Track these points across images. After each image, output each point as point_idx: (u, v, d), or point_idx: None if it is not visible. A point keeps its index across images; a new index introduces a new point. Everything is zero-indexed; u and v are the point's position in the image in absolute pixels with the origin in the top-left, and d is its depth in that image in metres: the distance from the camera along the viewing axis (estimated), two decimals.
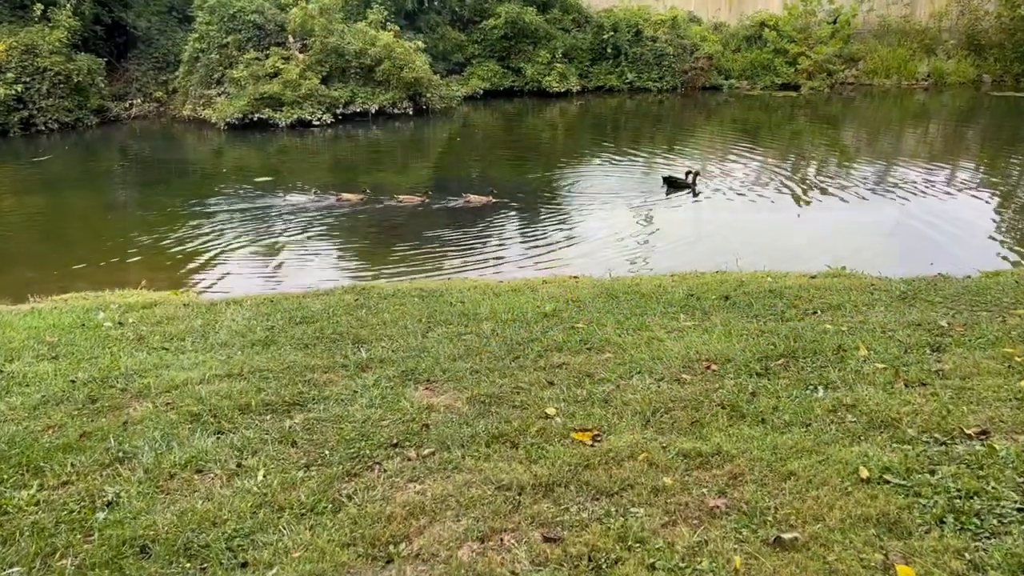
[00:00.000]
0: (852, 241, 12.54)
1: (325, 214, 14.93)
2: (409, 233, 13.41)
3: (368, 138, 25.69)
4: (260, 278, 11.38)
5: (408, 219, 14.48)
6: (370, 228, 14.06)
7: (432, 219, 14.29)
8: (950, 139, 25.26)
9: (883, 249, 11.81)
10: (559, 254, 11.63)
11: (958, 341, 5.10)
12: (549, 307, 6.82)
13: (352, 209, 15.24)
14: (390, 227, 14.14)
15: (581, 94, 31.50)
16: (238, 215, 15.08)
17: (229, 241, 13.21)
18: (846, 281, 7.29)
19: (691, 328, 5.98)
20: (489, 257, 11.65)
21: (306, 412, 4.82)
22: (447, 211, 14.81)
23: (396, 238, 13.16)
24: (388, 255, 12.15)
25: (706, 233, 12.81)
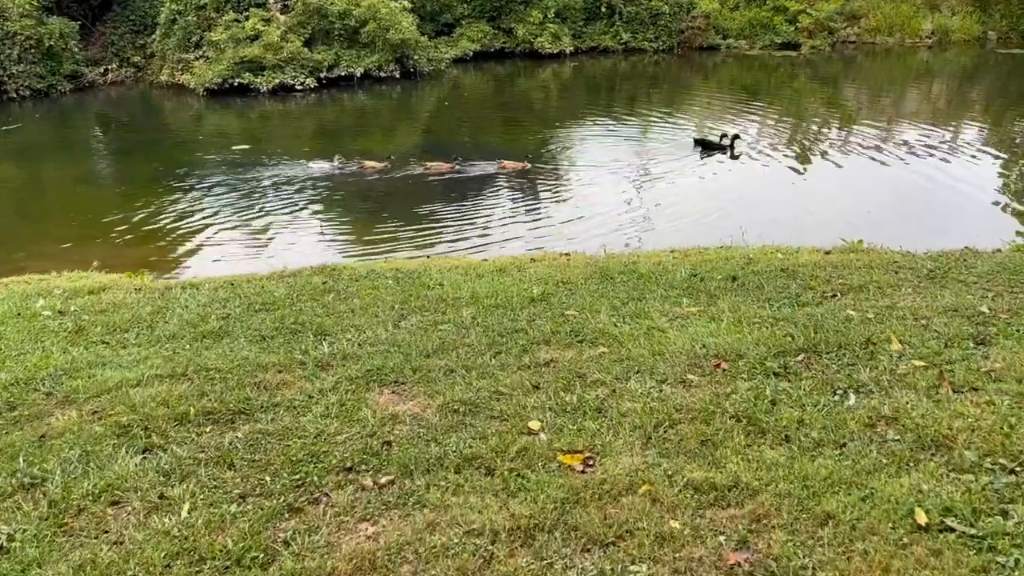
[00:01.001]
0: (858, 205, 11.84)
1: (317, 185, 14.14)
2: (400, 205, 12.64)
3: (354, 103, 24.75)
4: (237, 256, 10.65)
5: (401, 189, 13.71)
6: (363, 201, 13.29)
7: (426, 189, 13.52)
8: (954, 98, 24.44)
9: (892, 214, 11.11)
10: (550, 227, 10.90)
11: (1004, 331, 4.43)
12: (537, 290, 6.12)
13: (359, 178, 14.56)
14: (382, 197, 13.38)
15: (574, 55, 30.48)
16: (220, 187, 14.27)
17: (208, 216, 12.43)
18: (865, 257, 6.60)
19: (696, 315, 5.29)
20: (476, 231, 10.91)
21: (252, 423, 4.15)
22: (447, 181, 14.05)
23: (386, 211, 12.40)
24: (375, 229, 11.41)
25: (708, 201, 12.08)
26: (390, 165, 14.76)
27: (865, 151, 15.20)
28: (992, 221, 10.91)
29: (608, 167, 14.61)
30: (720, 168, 14.21)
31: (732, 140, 14.98)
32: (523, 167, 14.24)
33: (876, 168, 14.13)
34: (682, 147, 16.11)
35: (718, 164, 14.50)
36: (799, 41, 31.80)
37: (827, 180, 13.67)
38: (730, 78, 28.93)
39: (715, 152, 14.94)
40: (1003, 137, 17.29)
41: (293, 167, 15.35)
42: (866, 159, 14.66)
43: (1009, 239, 9.83)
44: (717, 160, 14.73)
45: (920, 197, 12.23)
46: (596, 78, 29.20)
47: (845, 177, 13.76)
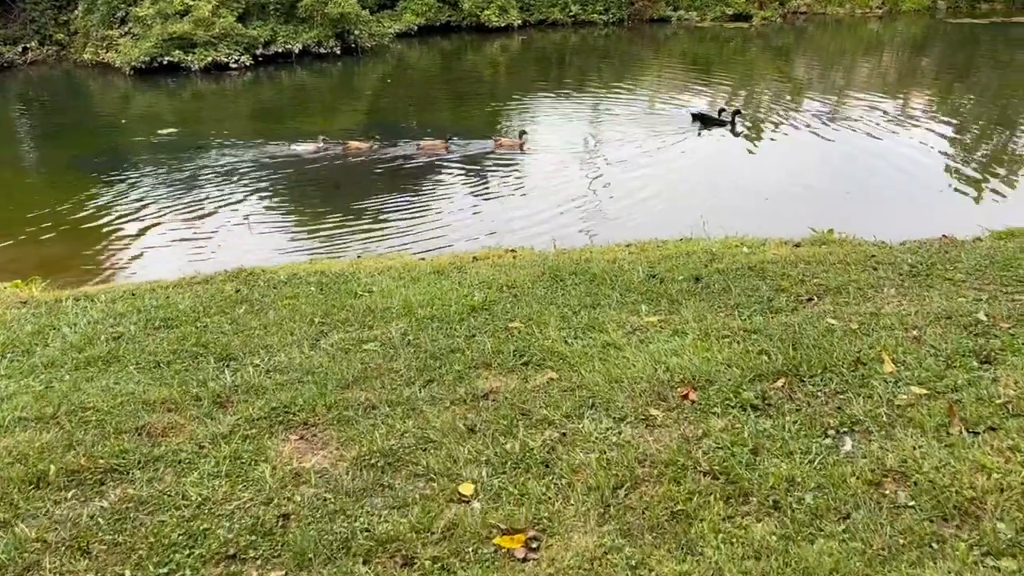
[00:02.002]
0: (816, 181, 11.35)
1: (259, 171, 13.13)
2: (348, 195, 11.72)
3: (293, 80, 23.59)
4: (165, 256, 9.69)
5: (355, 176, 12.80)
6: (309, 190, 12.34)
7: (380, 176, 12.64)
8: (905, 69, 24.19)
9: (851, 188, 10.63)
10: (497, 218, 10.14)
11: (1010, 346, 3.85)
12: (478, 297, 5.42)
13: (314, 160, 13.62)
14: (331, 185, 12.45)
15: (523, 29, 29.57)
16: (149, 176, 13.20)
17: (136, 209, 11.37)
18: (838, 250, 6.00)
19: (657, 327, 4.64)
20: (421, 224, 10.09)
21: (125, 485, 3.39)
22: (401, 167, 13.18)
23: (331, 201, 11.49)
24: (317, 221, 10.56)
25: (663, 183, 11.45)
26: (376, 145, 14.00)
27: (819, 125, 14.74)
28: (954, 199, 10.48)
29: (560, 148, 13.90)
30: (674, 146, 13.60)
31: (733, 115, 14.49)
32: (521, 142, 13.66)
33: (830, 143, 13.65)
34: (636, 124, 15.48)
35: (673, 142, 13.88)
36: (750, 12, 31.35)
37: (784, 156, 13.15)
38: (681, 51, 28.34)
39: (715, 127, 14.43)
40: (953, 108, 16.99)
41: (232, 151, 14.38)
42: (820, 133, 14.19)
43: (978, 216, 9.45)
44: (674, 138, 14.12)
45: (880, 171, 11.77)
46: (546, 52, 28.36)
47: (801, 153, 13.26)
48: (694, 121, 14.88)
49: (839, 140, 13.79)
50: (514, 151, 13.55)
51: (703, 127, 14.56)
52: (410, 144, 14.15)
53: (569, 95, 20.06)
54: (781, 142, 13.89)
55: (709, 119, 14.69)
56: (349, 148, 13.96)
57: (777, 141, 13.94)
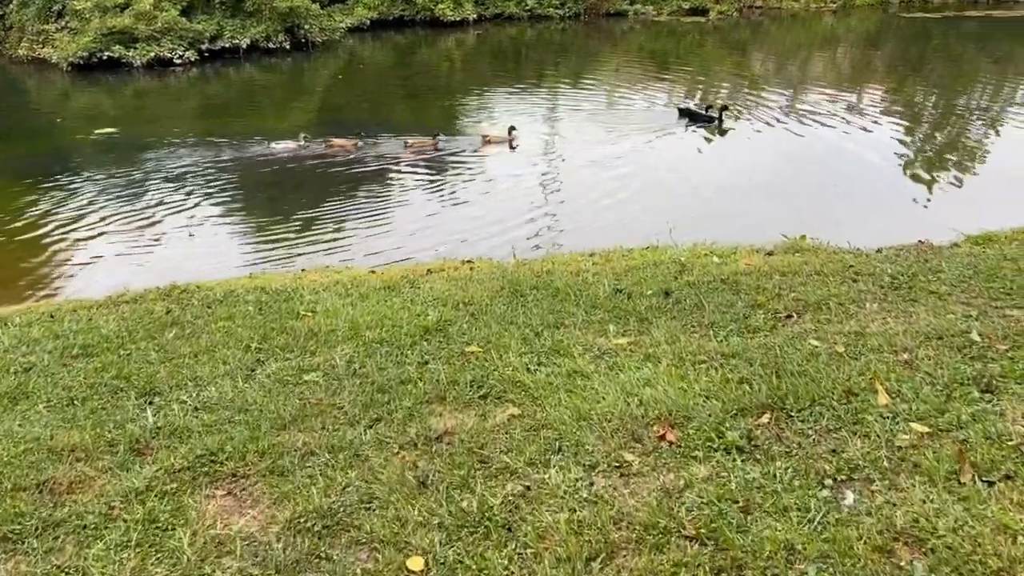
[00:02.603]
0: (779, 179, 11.10)
1: (210, 173, 12.46)
2: (305, 199, 11.10)
3: (241, 77, 22.80)
4: (104, 270, 9.01)
5: (314, 177, 12.19)
6: (262, 194, 11.68)
7: (340, 178, 12.05)
8: (860, 64, 24.24)
9: (812, 185, 10.39)
10: (454, 224, 9.66)
11: (1010, 371, 3.53)
12: (432, 316, 4.98)
13: (281, 160, 13.06)
14: (289, 188, 11.82)
15: (478, 23, 29.09)
16: (92, 180, 12.44)
17: (76, 216, 10.57)
18: (813, 259, 5.69)
19: (626, 351, 4.25)
20: (372, 232, 9.51)
21: (18, 558, 2.91)
22: (362, 170, 12.61)
23: (290, 206, 10.84)
24: (270, 230, 9.93)
25: (624, 183, 11.10)
26: (361, 143, 13.46)
27: (777, 121, 14.52)
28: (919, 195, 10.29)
29: (526, 147, 13.47)
30: (635, 145, 13.27)
31: (720, 112, 14.14)
32: (509, 140, 13.40)
33: (791, 140, 13.44)
34: (599, 121, 15.14)
35: (632, 141, 13.56)
36: (707, 6, 31.27)
37: (745, 153, 12.89)
38: (638, 45, 28.11)
39: (701, 124, 14.11)
40: (908, 102, 16.95)
41: (181, 151, 13.72)
42: (779, 130, 13.97)
43: (945, 211, 9.27)
44: (633, 137, 13.79)
45: (842, 168, 11.56)
46: (502, 47, 27.93)
47: (762, 150, 13.01)
48: (681, 117, 14.57)
49: (798, 137, 13.59)
50: (502, 147, 13.31)
51: (690, 123, 14.25)
52: (395, 141, 13.71)
53: (529, 91, 19.66)
54: (741, 139, 13.64)
55: (696, 115, 14.39)
56: (332, 146, 13.45)
57: (737, 138, 13.69)
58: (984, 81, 19.21)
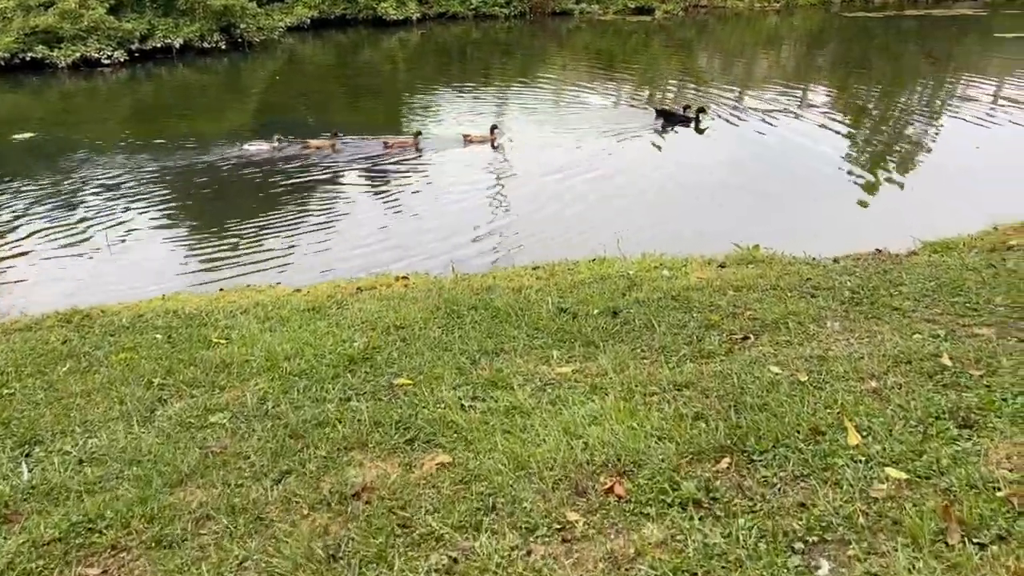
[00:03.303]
0: (728, 181, 10.85)
1: (142, 182, 11.73)
2: (247, 208, 10.47)
3: (174, 78, 21.94)
4: (18, 290, 8.34)
5: (252, 184, 11.55)
6: (195, 204, 10.99)
7: (278, 186, 11.45)
8: (804, 63, 24.34)
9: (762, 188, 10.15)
10: (390, 234, 9.16)
11: (987, 402, 3.22)
12: (359, 343, 4.53)
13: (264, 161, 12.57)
14: (232, 196, 11.17)
15: (422, 22, 28.56)
16: (12, 194, 11.64)
17: None
18: (768, 271, 5.37)
19: (571, 380, 3.85)
20: (310, 244, 8.94)
21: None
22: (294, 177, 12.01)
23: (226, 216, 10.20)
24: (196, 245, 9.32)
25: (568, 186, 10.74)
26: (337, 143, 13.03)
27: (724, 122, 14.33)
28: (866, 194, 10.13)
29: (464, 151, 13.04)
30: (585, 148, 12.94)
31: (697, 113, 13.93)
32: (492, 139, 13.21)
33: (739, 140, 13.26)
34: (546, 124, 14.79)
35: (582, 143, 13.22)
36: (652, 6, 31.22)
37: (693, 156, 12.65)
38: (584, 45, 27.90)
39: (677, 125, 13.85)
40: (851, 100, 16.95)
41: (107, 158, 13.00)
42: (726, 130, 13.78)
43: (894, 210, 9.09)
44: (582, 139, 13.46)
45: (790, 169, 11.39)
46: (447, 46, 27.46)
47: (711, 151, 12.80)
48: (657, 118, 14.32)
49: (746, 138, 13.41)
50: (485, 146, 13.11)
51: (666, 124, 14.01)
52: (374, 142, 13.29)
53: (476, 90, 19.26)
54: (691, 141, 13.41)
55: (672, 115, 14.14)
56: (310, 147, 13.02)
57: (687, 140, 13.46)
58: (924, 79, 19.37)
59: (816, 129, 13.76)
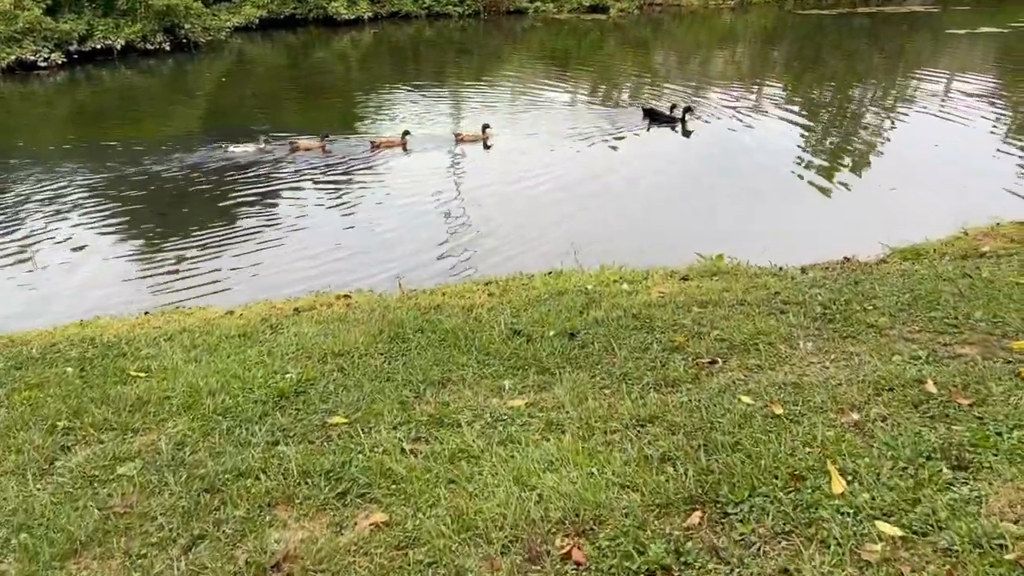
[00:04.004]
0: (687, 185, 10.59)
1: (77, 192, 11.10)
2: (186, 220, 9.91)
3: (116, 80, 21.16)
4: None
5: (198, 196, 10.97)
6: (131, 214, 10.40)
7: (228, 193, 10.91)
8: (759, 60, 24.33)
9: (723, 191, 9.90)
10: (342, 246, 8.66)
11: (982, 438, 2.92)
12: (292, 374, 4.12)
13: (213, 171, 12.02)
14: (182, 204, 10.58)
15: (374, 21, 28.01)
16: None
17: None
18: (734, 284, 5.06)
19: (524, 416, 3.49)
20: (245, 259, 8.41)
21: None
22: (240, 187, 11.47)
23: (163, 229, 9.65)
24: (133, 260, 8.76)
25: (527, 193, 10.39)
26: (327, 144, 12.63)
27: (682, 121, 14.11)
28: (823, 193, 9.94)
29: (432, 154, 12.61)
30: (546, 150, 12.60)
31: (684, 113, 13.63)
32: (484, 138, 13.03)
33: (697, 140, 13.03)
34: (503, 126, 14.41)
35: (538, 144, 12.88)
36: (607, 4, 31.03)
37: (649, 159, 12.38)
38: (540, 44, 27.62)
39: (664, 125, 13.56)
40: (806, 97, 16.87)
41: (45, 167, 12.40)
42: (682, 130, 13.55)
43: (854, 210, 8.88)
44: (542, 140, 13.12)
45: (749, 171, 11.16)
46: (400, 46, 26.96)
47: (668, 153, 12.55)
48: (645, 117, 14.04)
49: (704, 138, 13.19)
50: (476, 145, 12.90)
51: (652, 123, 13.73)
52: (359, 142, 13.05)
53: (431, 90, 18.83)
54: (648, 142, 13.15)
55: (659, 115, 13.86)
56: (299, 149, 12.56)
57: (645, 141, 13.19)
58: (879, 77, 19.39)
59: (772, 128, 13.60)
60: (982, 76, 18.28)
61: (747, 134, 13.20)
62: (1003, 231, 5.90)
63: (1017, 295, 4.38)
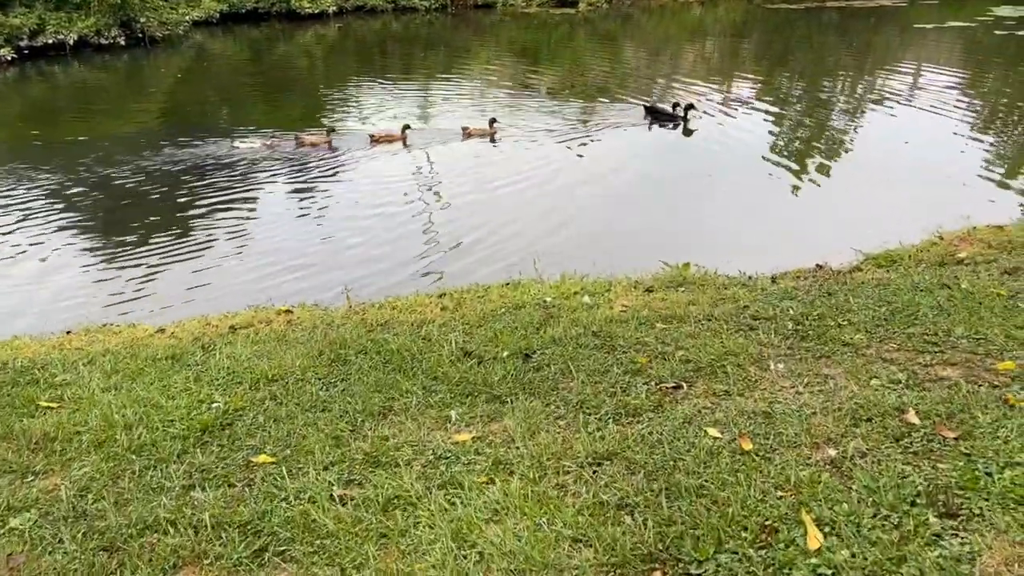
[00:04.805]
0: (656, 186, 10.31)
1: (30, 195, 10.57)
2: (127, 225, 9.43)
3: (70, 77, 20.47)
4: None
5: (159, 200, 10.47)
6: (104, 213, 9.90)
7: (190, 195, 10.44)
8: (729, 54, 24.17)
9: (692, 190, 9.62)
10: (298, 254, 8.24)
11: (971, 480, 2.64)
12: (219, 403, 3.75)
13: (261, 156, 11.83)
14: (122, 213, 10.06)
15: (339, 16, 27.45)
16: None
17: None
18: (702, 297, 4.76)
19: (470, 453, 3.16)
20: (192, 270, 7.91)
21: None
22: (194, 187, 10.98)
23: (107, 235, 9.16)
24: (77, 270, 8.29)
25: (494, 196, 10.04)
26: (331, 139, 12.42)
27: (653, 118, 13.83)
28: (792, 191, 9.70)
29: (403, 153, 12.20)
30: (514, 150, 12.26)
31: (685, 110, 13.15)
32: (491, 132, 12.80)
33: (666, 137, 12.76)
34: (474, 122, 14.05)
35: (511, 143, 12.53)
36: None
37: (610, 151, 12.08)
38: (509, 39, 27.24)
39: (666, 123, 13.14)
40: (776, 93, 16.69)
41: (269, 143, 12.49)
42: (654, 128, 13.27)
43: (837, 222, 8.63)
44: (512, 138, 12.77)
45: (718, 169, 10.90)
46: (366, 41, 26.45)
47: (637, 150, 12.26)
48: (646, 115, 13.63)
49: (673, 135, 12.92)
50: (484, 139, 12.70)
51: (653, 121, 13.33)
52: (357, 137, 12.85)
53: (399, 87, 18.39)
54: (615, 140, 12.85)
55: (661, 113, 13.42)
56: (304, 144, 12.33)
57: (618, 139, 12.89)
58: (846, 71, 19.27)
59: (741, 127, 13.36)
60: (949, 70, 18.22)
61: (717, 131, 12.94)
62: (980, 235, 5.65)
63: (998, 308, 4.12)
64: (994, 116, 13.72)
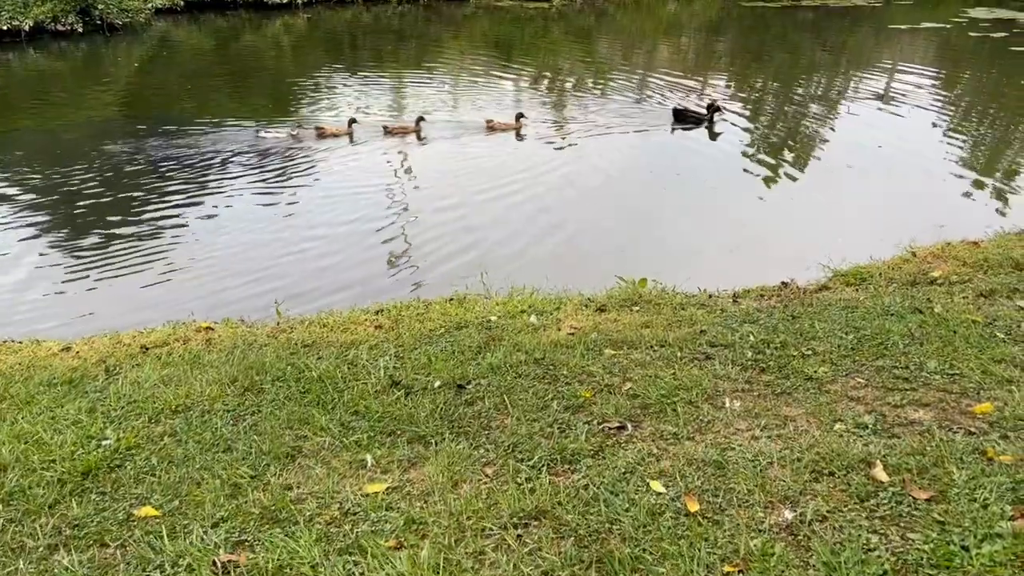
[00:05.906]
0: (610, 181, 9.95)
1: None
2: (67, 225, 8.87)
3: (24, 64, 19.73)
4: None
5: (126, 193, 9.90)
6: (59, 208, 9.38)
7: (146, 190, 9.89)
8: (704, 52, 23.90)
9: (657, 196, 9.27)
10: (247, 260, 7.73)
11: (946, 555, 2.29)
12: (110, 439, 3.33)
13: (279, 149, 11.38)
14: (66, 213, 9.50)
15: (308, 6, 26.84)
16: None
17: None
18: (656, 318, 4.39)
19: (382, 508, 2.77)
20: (123, 279, 7.41)
21: None
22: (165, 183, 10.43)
23: (45, 235, 8.61)
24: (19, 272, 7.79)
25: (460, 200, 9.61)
26: (352, 130, 12.23)
27: (619, 118, 13.46)
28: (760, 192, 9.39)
29: (370, 155, 11.71)
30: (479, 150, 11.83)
31: (711, 112, 12.50)
32: (517, 127, 12.55)
33: (639, 138, 12.41)
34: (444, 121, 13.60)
35: (475, 141, 12.11)
36: None
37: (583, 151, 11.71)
38: (482, 32, 26.76)
39: (690, 126, 12.50)
40: (751, 92, 16.41)
41: (292, 133, 12.17)
42: (626, 128, 12.91)
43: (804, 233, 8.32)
44: (482, 139, 12.34)
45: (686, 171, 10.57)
46: (335, 32, 25.84)
47: (607, 155, 11.89)
48: (673, 118, 12.92)
49: (645, 135, 12.57)
50: (509, 133, 12.41)
51: (677, 124, 12.65)
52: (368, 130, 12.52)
53: (371, 80, 17.88)
54: (579, 141, 12.48)
55: (687, 114, 12.72)
56: (325, 133, 12.20)
57: (575, 138, 12.52)
58: (819, 72, 19.04)
59: (717, 127, 13.03)
60: (923, 70, 18.04)
61: (694, 133, 12.60)
62: (954, 252, 5.34)
63: (974, 337, 3.80)
64: (967, 119, 13.53)
